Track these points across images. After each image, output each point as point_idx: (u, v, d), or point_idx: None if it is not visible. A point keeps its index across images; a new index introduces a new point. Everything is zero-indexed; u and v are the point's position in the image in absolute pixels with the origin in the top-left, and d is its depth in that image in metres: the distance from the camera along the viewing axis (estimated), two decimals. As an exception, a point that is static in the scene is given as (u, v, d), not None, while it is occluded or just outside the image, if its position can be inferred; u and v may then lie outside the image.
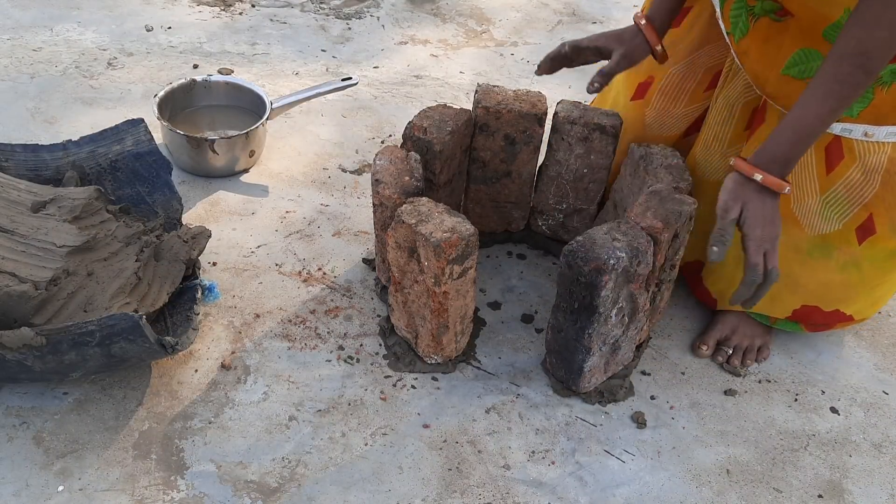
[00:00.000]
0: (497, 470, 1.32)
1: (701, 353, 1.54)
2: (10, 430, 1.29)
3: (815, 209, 1.36)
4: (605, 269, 1.25)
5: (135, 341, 1.21)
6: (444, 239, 1.26)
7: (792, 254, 1.40)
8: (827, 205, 1.35)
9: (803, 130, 1.21)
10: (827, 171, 1.33)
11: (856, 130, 1.28)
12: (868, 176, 1.31)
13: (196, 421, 1.34)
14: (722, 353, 1.53)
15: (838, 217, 1.36)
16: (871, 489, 1.36)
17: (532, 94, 1.58)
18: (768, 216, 1.24)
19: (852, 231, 1.37)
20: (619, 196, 1.57)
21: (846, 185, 1.33)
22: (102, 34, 2.25)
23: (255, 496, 1.25)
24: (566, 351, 1.38)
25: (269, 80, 2.13)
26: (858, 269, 1.41)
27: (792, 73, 1.29)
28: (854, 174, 1.32)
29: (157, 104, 1.79)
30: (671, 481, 1.34)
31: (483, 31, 2.49)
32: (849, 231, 1.37)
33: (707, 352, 1.54)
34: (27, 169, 1.54)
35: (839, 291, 1.45)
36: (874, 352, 1.61)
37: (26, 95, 1.99)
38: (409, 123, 1.48)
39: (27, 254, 1.30)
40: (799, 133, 1.21)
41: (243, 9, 2.44)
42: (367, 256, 1.66)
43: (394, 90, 2.18)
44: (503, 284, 1.65)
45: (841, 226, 1.37)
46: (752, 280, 1.25)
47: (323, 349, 1.48)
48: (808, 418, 1.47)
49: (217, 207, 1.75)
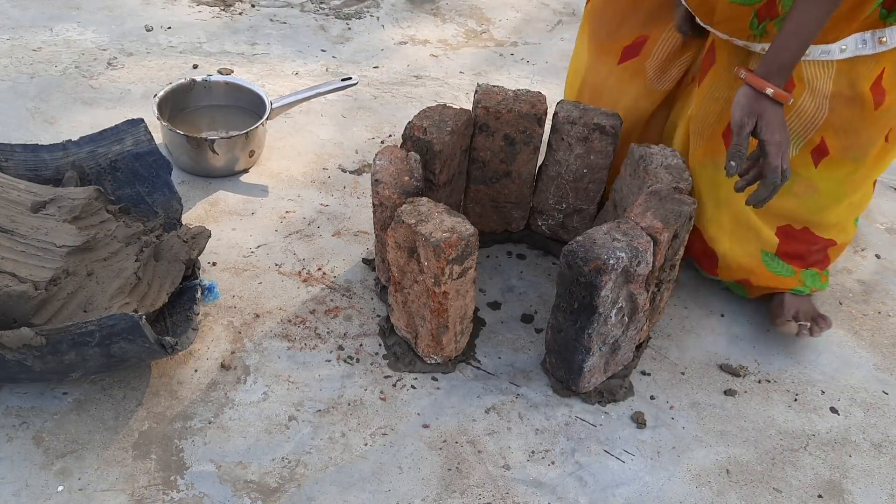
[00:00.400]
0: (497, 470, 1.32)
1: (789, 329, 1.60)
2: (9, 430, 1.29)
3: None
4: (604, 269, 1.25)
5: (135, 341, 1.21)
6: (444, 239, 1.26)
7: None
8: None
9: (805, 35, 1.30)
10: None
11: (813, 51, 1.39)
12: (817, 102, 1.41)
13: (196, 421, 1.34)
14: (803, 326, 1.57)
15: (795, 142, 1.45)
16: (871, 489, 1.36)
17: (532, 94, 1.59)
18: (781, 124, 1.33)
19: (808, 154, 1.47)
20: (619, 196, 1.57)
21: (798, 113, 1.43)
22: (102, 34, 2.25)
23: (255, 496, 1.25)
24: (566, 351, 1.38)
25: (269, 80, 2.13)
26: (816, 193, 1.50)
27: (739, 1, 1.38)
28: (805, 102, 1.42)
29: (157, 104, 1.79)
30: (671, 481, 1.34)
31: (483, 31, 2.49)
32: (805, 154, 1.47)
33: (794, 328, 1.58)
34: (27, 169, 1.54)
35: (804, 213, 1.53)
36: (874, 352, 1.61)
37: (26, 95, 1.99)
38: (408, 123, 1.48)
39: (27, 254, 1.30)
40: (801, 38, 1.31)
41: (243, 9, 2.44)
42: (366, 256, 1.66)
43: (394, 90, 2.18)
44: (503, 284, 1.65)
45: (798, 151, 1.46)
46: (773, 181, 1.33)
47: (323, 349, 1.48)
48: (808, 418, 1.47)
49: (217, 207, 1.75)
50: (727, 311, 1.65)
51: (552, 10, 2.64)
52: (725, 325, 1.63)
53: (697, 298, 1.67)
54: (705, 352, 1.57)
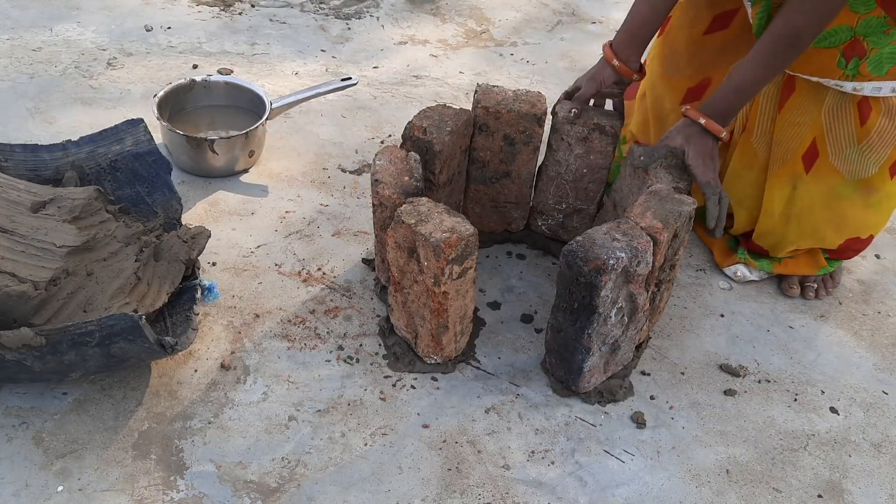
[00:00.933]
0: (497, 470, 1.32)
1: (792, 292, 1.70)
2: (9, 430, 1.29)
3: (854, 157, 1.54)
4: (604, 269, 1.25)
5: (134, 341, 1.21)
6: (444, 239, 1.26)
7: (833, 200, 1.59)
8: (863, 153, 1.53)
9: (743, 92, 1.44)
10: (861, 124, 1.51)
11: (885, 88, 1.46)
12: (894, 120, 1.50)
13: (196, 421, 1.34)
14: (809, 288, 1.70)
15: (875, 162, 1.54)
16: (871, 489, 1.36)
17: (532, 94, 1.58)
18: (708, 152, 1.47)
19: (886, 169, 1.56)
20: (619, 196, 1.57)
21: (879, 133, 1.51)
22: (102, 34, 2.25)
23: (255, 496, 1.25)
24: (566, 351, 1.38)
25: (268, 80, 2.13)
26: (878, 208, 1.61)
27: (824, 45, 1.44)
28: (883, 121, 1.50)
29: (157, 104, 1.79)
30: (671, 481, 1.34)
31: (483, 31, 2.49)
32: (884, 170, 1.56)
33: (797, 290, 1.70)
34: (27, 169, 1.54)
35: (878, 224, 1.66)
36: (874, 352, 1.61)
37: (26, 95, 1.99)
38: (408, 123, 1.48)
39: (27, 254, 1.30)
40: (738, 94, 1.45)
41: (243, 9, 2.44)
42: (366, 256, 1.66)
43: (393, 90, 2.18)
44: (503, 284, 1.65)
45: (877, 169, 1.55)
46: (712, 194, 1.46)
47: (322, 349, 1.48)
48: (808, 418, 1.47)
49: (217, 207, 1.75)
50: (727, 311, 1.65)
51: (552, 10, 2.64)
52: (725, 325, 1.63)
53: (697, 298, 1.68)
54: (705, 352, 1.57)
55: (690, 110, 1.48)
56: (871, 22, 1.39)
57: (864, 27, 1.40)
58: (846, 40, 1.43)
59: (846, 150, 1.54)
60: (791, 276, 1.71)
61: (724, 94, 1.45)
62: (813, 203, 1.59)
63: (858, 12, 1.40)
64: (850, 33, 1.42)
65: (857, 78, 1.45)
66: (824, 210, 1.60)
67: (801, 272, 1.70)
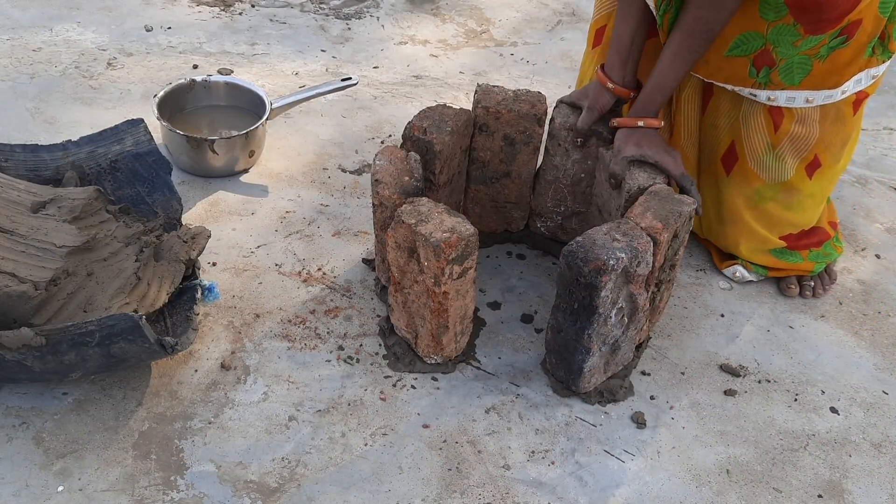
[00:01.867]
0: (497, 470, 1.32)
1: (791, 292, 1.70)
2: (10, 430, 1.29)
3: (770, 163, 1.57)
4: (604, 270, 1.25)
5: (134, 341, 1.21)
6: (444, 239, 1.26)
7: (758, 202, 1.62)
8: (778, 157, 1.56)
9: (666, 88, 1.47)
10: (774, 130, 1.54)
11: (798, 98, 1.50)
12: (807, 126, 1.53)
13: (196, 421, 1.34)
14: (807, 287, 1.70)
15: (791, 166, 1.58)
16: (871, 489, 1.36)
17: (532, 94, 1.58)
18: (663, 146, 1.48)
19: (803, 170, 1.59)
20: (601, 201, 1.57)
21: (791, 139, 1.54)
22: (102, 34, 2.25)
23: (255, 496, 1.25)
24: (566, 351, 1.38)
25: (268, 80, 2.14)
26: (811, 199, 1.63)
27: (735, 53, 1.47)
28: (796, 128, 1.53)
29: (157, 104, 1.79)
30: (671, 481, 1.34)
31: (483, 31, 2.49)
32: (801, 171, 1.59)
33: (795, 290, 1.70)
34: (27, 169, 1.54)
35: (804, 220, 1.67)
36: (874, 352, 1.61)
37: (26, 95, 1.99)
38: (408, 124, 1.48)
39: (27, 254, 1.30)
40: (663, 91, 1.48)
41: (243, 9, 2.44)
42: (366, 256, 1.66)
43: (394, 90, 2.18)
44: (503, 284, 1.65)
45: (794, 172, 1.58)
46: (690, 183, 1.47)
47: (323, 349, 1.48)
48: (808, 418, 1.47)
49: (217, 207, 1.75)
50: (727, 311, 1.65)
51: (552, 10, 2.64)
52: (725, 325, 1.63)
53: (697, 298, 1.68)
54: (705, 352, 1.57)
55: (623, 121, 1.50)
56: (781, 29, 1.41)
57: (775, 34, 1.42)
58: (757, 48, 1.44)
59: (762, 156, 1.57)
60: (789, 277, 1.71)
61: (649, 95, 1.48)
62: (738, 205, 1.63)
63: (768, 19, 1.41)
64: (761, 41, 1.43)
65: (769, 86, 1.48)
66: (750, 211, 1.63)
67: (791, 270, 1.70)
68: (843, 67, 1.46)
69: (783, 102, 1.50)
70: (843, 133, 1.57)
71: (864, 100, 1.55)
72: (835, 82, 1.47)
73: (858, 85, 1.50)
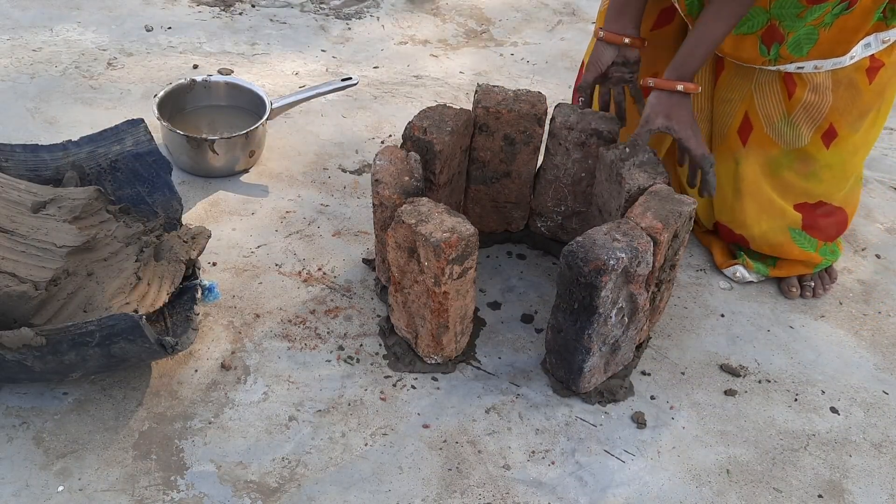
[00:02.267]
0: (497, 470, 1.32)
1: (792, 294, 1.69)
2: (10, 430, 1.29)
3: (785, 129, 1.57)
4: (604, 270, 1.25)
5: (135, 341, 1.21)
6: (444, 239, 1.26)
7: (775, 169, 1.62)
8: (793, 125, 1.56)
9: (711, 45, 1.44)
10: (788, 97, 1.54)
11: (807, 66, 1.49)
12: (820, 94, 1.53)
13: (196, 421, 1.34)
14: (807, 287, 1.70)
15: (806, 133, 1.57)
16: (871, 489, 1.36)
17: (532, 94, 1.58)
18: (690, 121, 1.47)
19: (819, 139, 1.58)
20: (601, 201, 1.57)
21: (804, 106, 1.54)
22: (102, 34, 2.25)
23: (255, 496, 1.25)
24: (566, 351, 1.38)
25: (269, 80, 2.14)
26: (829, 170, 1.61)
27: (743, 31, 1.48)
28: (809, 95, 1.53)
29: (157, 104, 1.79)
30: (671, 481, 1.34)
31: (483, 31, 2.49)
32: (817, 139, 1.58)
33: (797, 291, 1.70)
34: (27, 169, 1.54)
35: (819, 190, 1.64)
36: (874, 352, 1.61)
37: (26, 95, 1.99)
38: (408, 123, 1.48)
39: (27, 254, 1.30)
40: (707, 48, 1.44)
41: (243, 9, 2.44)
42: (367, 256, 1.66)
43: (394, 90, 2.18)
44: (503, 284, 1.65)
45: (810, 139, 1.58)
46: (710, 163, 1.47)
47: (323, 349, 1.48)
48: (808, 418, 1.47)
49: (217, 207, 1.75)
50: (727, 311, 1.65)
51: (552, 10, 2.64)
52: (725, 325, 1.63)
53: (697, 298, 1.68)
54: (705, 352, 1.57)
55: (661, 81, 1.46)
56: (783, 2, 1.41)
57: (778, 8, 1.42)
58: (762, 24, 1.45)
59: (777, 123, 1.57)
60: (790, 278, 1.71)
61: (694, 52, 1.44)
62: (756, 175, 1.62)
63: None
64: (765, 16, 1.44)
65: (779, 62, 1.49)
66: (767, 178, 1.62)
67: (797, 272, 1.70)
68: (850, 34, 1.45)
69: (792, 70, 1.50)
70: (859, 102, 1.55)
71: (880, 69, 1.52)
72: (843, 50, 1.47)
73: (868, 49, 1.48)
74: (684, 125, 1.46)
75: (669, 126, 1.45)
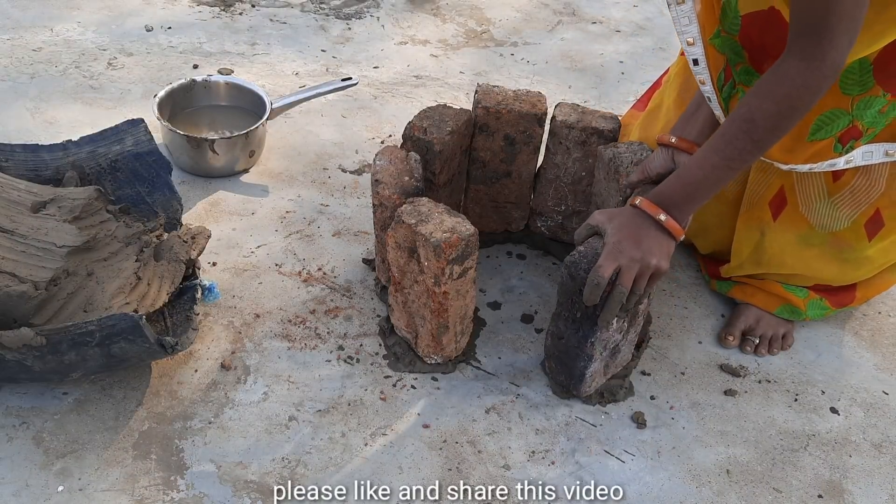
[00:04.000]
0: (497, 470, 1.32)
1: (728, 343, 1.56)
2: (10, 430, 1.29)
3: (824, 211, 1.43)
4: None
5: (135, 341, 1.21)
6: (444, 239, 1.26)
7: (804, 249, 1.48)
8: (834, 206, 1.42)
9: (688, 179, 1.26)
10: (834, 180, 1.40)
11: (877, 152, 1.33)
12: (872, 179, 1.38)
13: (196, 421, 1.34)
14: (749, 342, 1.56)
15: (847, 217, 1.43)
16: (871, 489, 1.36)
17: (532, 94, 1.58)
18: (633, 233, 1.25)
19: (861, 227, 1.44)
20: (600, 200, 1.57)
21: (852, 190, 1.40)
22: (102, 34, 2.25)
23: (255, 496, 1.25)
24: (567, 357, 1.38)
25: (269, 80, 2.13)
26: (868, 262, 1.49)
27: (819, 137, 1.33)
28: (859, 181, 1.39)
29: (157, 104, 1.79)
30: (671, 481, 1.34)
31: (483, 31, 2.49)
32: (858, 227, 1.44)
33: (734, 342, 1.56)
34: (27, 169, 1.54)
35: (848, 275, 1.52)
36: (874, 352, 1.61)
37: (26, 95, 1.99)
38: (408, 123, 1.48)
39: (27, 254, 1.30)
40: (683, 180, 1.26)
41: (243, 9, 2.44)
42: (367, 256, 1.66)
43: (394, 90, 2.18)
44: (503, 284, 1.65)
45: (849, 223, 1.43)
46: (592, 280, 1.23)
47: (323, 349, 1.48)
48: (808, 418, 1.47)
49: (217, 207, 1.75)
50: (727, 312, 1.65)
51: (552, 10, 2.64)
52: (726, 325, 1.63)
53: (697, 298, 1.67)
54: (705, 352, 1.56)
55: (645, 202, 1.28)
56: (867, 102, 1.27)
57: (862, 108, 1.28)
58: (844, 126, 1.30)
59: (816, 204, 1.42)
60: (730, 326, 1.57)
61: (670, 178, 1.29)
62: (783, 250, 1.49)
63: (852, 94, 1.27)
64: (847, 118, 1.29)
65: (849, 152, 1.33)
66: (794, 258, 1.49)
67: (757, 304, 1.57)
68: None
69: (860, 161, 1.33)
70: None
71: None
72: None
73: None
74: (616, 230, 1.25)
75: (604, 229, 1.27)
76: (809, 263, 1.50)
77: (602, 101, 2.20)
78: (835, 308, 1.60)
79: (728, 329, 1.57)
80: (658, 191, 1.29)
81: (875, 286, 1.60)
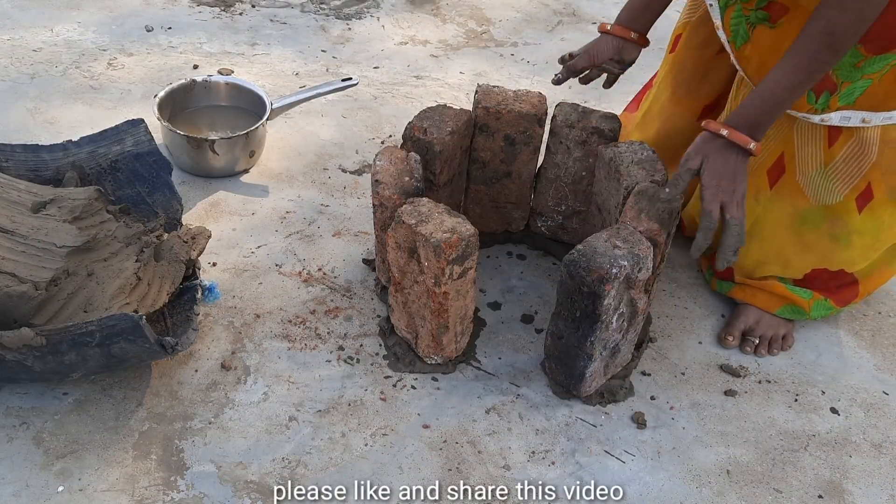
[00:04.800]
0: (497, 470, 1.32)
1: (728, 343, 1.56)
2: (10, 430, 1.29)
3: (818, 182, 1.44)
4: (607, 279, 1.25)
5: (135, 341, 1.21)
6: (444, 239, 1.26)
7: (798, 223, 1.50)
8: (828, 178, 1.43)
9: (772, 100, 1.30)
10: (829, 145, 1.41)
11: (854, 118, 1.36)
12: (865, 147, 1.40)
13: (196, 421, 1.34)
14: (749, 343, 1.56)
15: (840, 189, 1.44)
16: (871, 489, 1.36)
17: (532, 94, 1.58)
18: (729, 171, 1.32)
19: (853, 201, 1.45)
20: (601, 199, 1.57)
21: (844, 158, 1.41)
22: (102, 34, 2.25)
23: (255, 496, 1.25)
24: (567, 357, 1.38)
25: (269, 81, 2.14)
26: (859, 236, 1.49)
27: None
28: (851, 147, 1.40)
29: (157, 104, 1.79)
30: (671, 482, 1.34)
31: (483, 31, 2.49)
32: (849, 201, 1.45)
33: (734, 342, 1.56)
34: (27, 169, 1.54)
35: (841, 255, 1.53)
36: (874, 352, 1.61)
37: (26, 95, 1.99)
38: (408, 124, 1.48)
39: (27, 254, 1.30)
40: (767, 102, 1.30)
41: (243, 9, 2.44)
42: (367, 257, 1.66)
43: (394, 90, 2.18)
44: (503, 284, 1.65)
45: (842, 198, 1.45)
46: (706, 226, 1.33)
47: (323, 349, 1.48)
48: (809, 419, 1.47)
49: (217, 208, 1.75)
50: (727, 312, 1.65)
51: (552, 10, 2.64)
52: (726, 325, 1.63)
53: (697, 298, 1.67)
54: (705, 352, 1.57)
55: (711, 123, 1.34)
56: None
57: None
58: None
59: (811, 172, 1.44)
60: (730, 326, 1.58)
61: (751, 100, 1.32)
62: (777, 222, 1.50)
63: None
64: None
65: (825, 110, 1.37)
66: (788, 231, 1.51)
67: (758, 304, 1.58)
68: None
69: (836, 122, 1.37)
70: None
71: None
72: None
73: None
74: (714, 172, 1.32)
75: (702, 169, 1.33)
76: (802, 237, 1.51)
77: (602, 101, 2.20)
78: (839, 307, 1.60)
79: (728, 329, 1.58)
80: (740, 114, 1.32)
81: (874, 279, 1.61)
